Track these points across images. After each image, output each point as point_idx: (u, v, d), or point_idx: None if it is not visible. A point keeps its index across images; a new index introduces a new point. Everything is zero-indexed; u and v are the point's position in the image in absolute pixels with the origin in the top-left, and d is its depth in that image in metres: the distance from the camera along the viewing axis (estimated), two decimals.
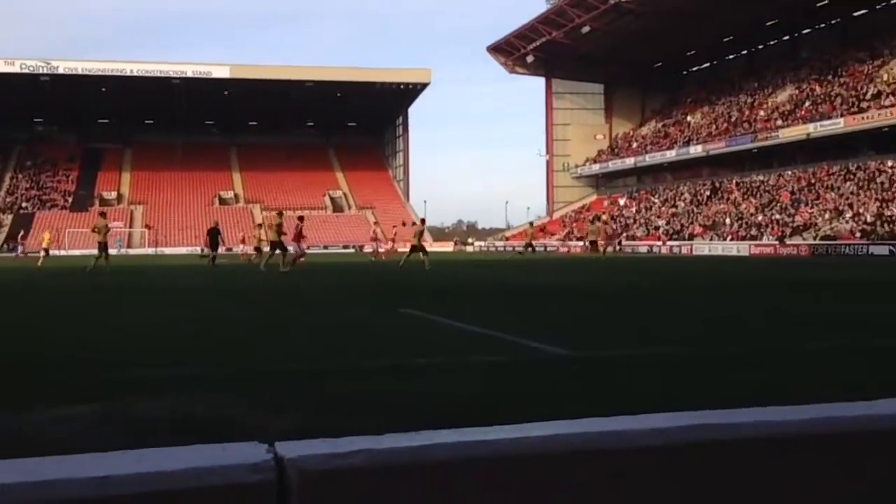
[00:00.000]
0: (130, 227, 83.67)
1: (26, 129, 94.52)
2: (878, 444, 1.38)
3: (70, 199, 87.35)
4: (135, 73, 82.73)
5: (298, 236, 27.09)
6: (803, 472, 1.32)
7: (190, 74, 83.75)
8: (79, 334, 8.20)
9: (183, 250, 72.56)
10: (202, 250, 35.38)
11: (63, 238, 71.58)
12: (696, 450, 1.26)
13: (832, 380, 5.21)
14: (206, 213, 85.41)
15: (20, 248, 54.94)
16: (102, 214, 26.69)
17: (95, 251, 25.18)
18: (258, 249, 34.70)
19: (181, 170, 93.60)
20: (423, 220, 31.98)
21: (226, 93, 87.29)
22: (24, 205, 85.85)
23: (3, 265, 34.74)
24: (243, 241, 49.24)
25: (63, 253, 61.63)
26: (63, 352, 6.83)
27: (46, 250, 36.59)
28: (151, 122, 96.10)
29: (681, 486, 1.25)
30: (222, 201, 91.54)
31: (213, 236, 32.01)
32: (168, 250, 74.11)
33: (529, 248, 40.14)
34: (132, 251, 73.41)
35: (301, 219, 27.59)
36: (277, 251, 25.18)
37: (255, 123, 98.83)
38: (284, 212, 29.26)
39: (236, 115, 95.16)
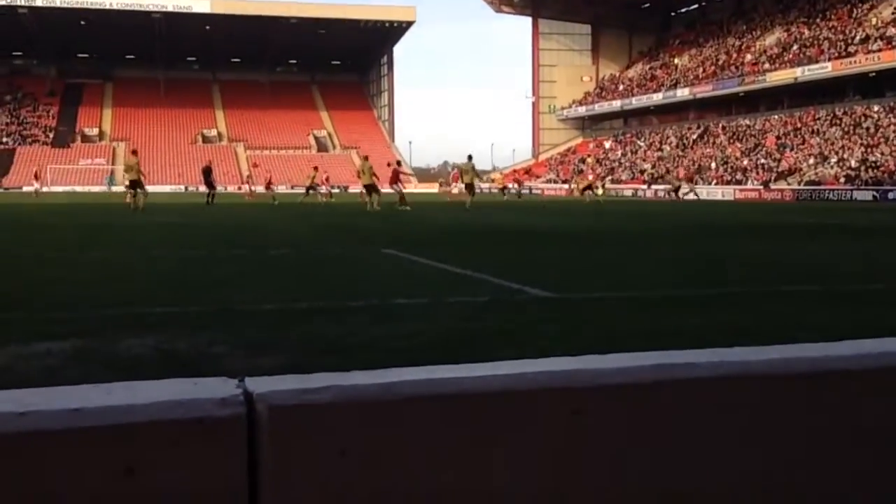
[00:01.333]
0: (113, 164, 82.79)
1: (5, 62, 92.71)
2: (833, 383, 1.42)
3: (52, 135, 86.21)
4: (114, 7, 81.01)
5: (395, 178, 29.53)
6: (760, 411, 1.36)
7: (170, 9, 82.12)
8: (59, 273, 8.19)
9: (167, 189, 71.95)
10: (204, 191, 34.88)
11: (45, 174, 70.78)
12: (654, 388, 1.30)
13: (799, 321, 5.30)
14: (189, 152, 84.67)
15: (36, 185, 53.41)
16: (134, 152, 26.94)
17: (127, 189, 25.29)
18: (313, 188, 37.94)
19: (163, 106, 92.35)
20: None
21: (207, 28, 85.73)
22: (4, 140, 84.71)
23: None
24: (248, 182, 49.27)
25: (46, 189, 60.97)
26: (40, 289, 6.83)
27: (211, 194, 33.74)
28: (132, 57, 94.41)
29: (640, 424, 1.29)
30: (205, 139, 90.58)
31: (207, 175, 33.25)
32: (151, 188, 73.47)
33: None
34: (115, 189, 72.79)
35: (399, 163, 31.17)
36: (374, 193, 26.99)
37: (237, 60, 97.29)
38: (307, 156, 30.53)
39: (218, 50, 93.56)
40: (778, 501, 1.38)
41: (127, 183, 25.49)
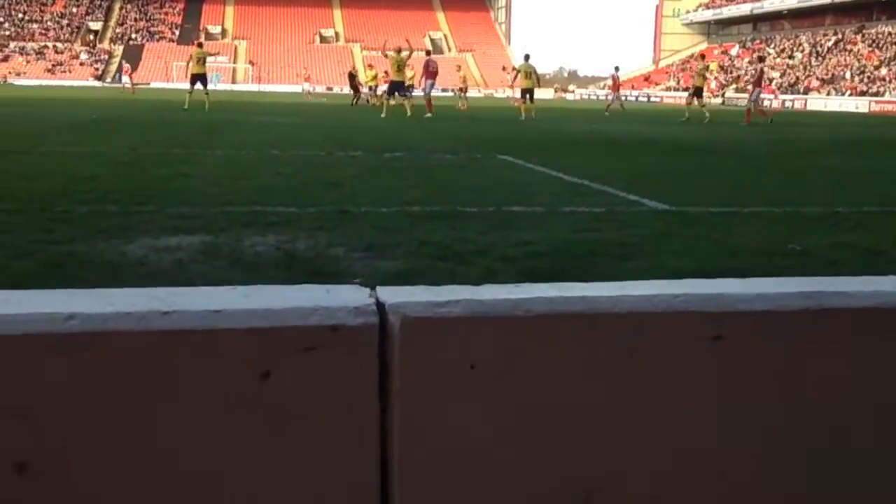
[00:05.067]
0: (234, 62, 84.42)
1: None
2: None
3: (177, 32, 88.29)
4: None
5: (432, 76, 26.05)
6: None
7: None
8: (184, 169, 8.48)
9: (284, 88, 73.02)
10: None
11: (171, 71, 72.75)
12: (802, 317, 1.23)
13: None
14: (308, 52, 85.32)
15: (127, 80, 54.08)
16: (200, 45, 25.64)
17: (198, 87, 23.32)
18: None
19: (283, 4, 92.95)
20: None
21: None
22: (133, 36, 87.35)
23: (112, 96, 35.76)
24: (308, 79, 49.71)
25: (171, 86, 62.88)
26: (167, 185, 7.09)
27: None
28: None
29: (783, 353, 1.23)
30: (323, 39, 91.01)
31: (352, 80, 32.68)
32: (270, 87, 74.69)
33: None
34: (236, 87, 74.40)
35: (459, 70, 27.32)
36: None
37: None
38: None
39: None
40: None
41: (190, 77, 23.35)
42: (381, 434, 1.17)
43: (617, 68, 34.30)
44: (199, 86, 23.23)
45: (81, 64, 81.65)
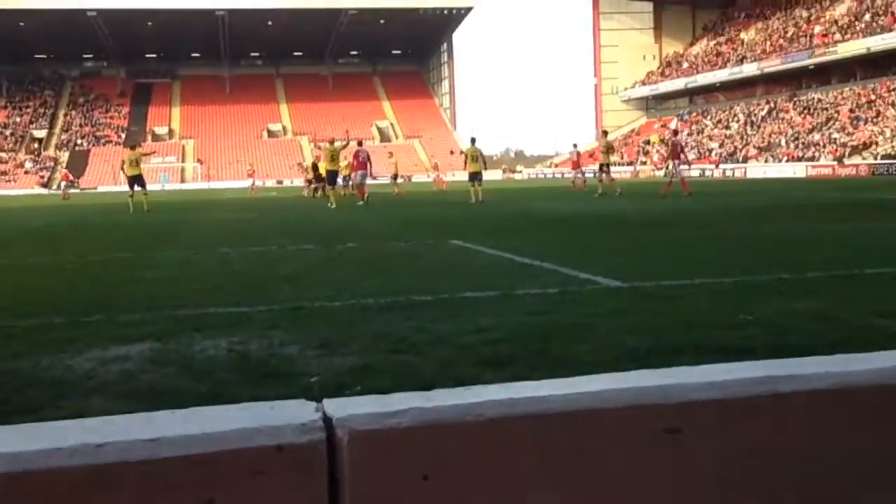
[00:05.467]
0: (183, 161, 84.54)
1: (76, 65, 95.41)
2: None
3: (124, 135, 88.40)
4: (179, 7, 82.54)
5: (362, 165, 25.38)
6: (874, 425, 1.27)
7: (233, 6, 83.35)
8: (133, 274, 8.36)
9: (234, 184, 73.10)
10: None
11: (118, 174, 72.48)
12: (757, 403, 1.22)
13: (885, 308, 5.07)
14: (256, 147, 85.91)
15: (64, 185, 52.50)
16: (133, 147, 25.48)
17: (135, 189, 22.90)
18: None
19: (229, 103, 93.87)
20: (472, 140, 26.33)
21: (269, 23, 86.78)
22: (79, 141, 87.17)
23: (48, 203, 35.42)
24: (252, 175, 49.18)
25: (119, 189, 62.50)
26: (116, 291, 6.97)
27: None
28: (198, 55, 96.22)
29: (743, 442, 1.22)
30: (271, 134, 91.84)
31: (315, 170, 31.69)
32: (220, 184, 74.70)
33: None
34: (185, 186, 74.31)
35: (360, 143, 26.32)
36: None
37: (300, 54, 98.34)
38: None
39: (281, 45, 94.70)
40: None
41: (127, 180, 23.19)
42: None
43: (575, 145, 35.38)
44: (137, 187, 23.14)
45: (27, 172, 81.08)
